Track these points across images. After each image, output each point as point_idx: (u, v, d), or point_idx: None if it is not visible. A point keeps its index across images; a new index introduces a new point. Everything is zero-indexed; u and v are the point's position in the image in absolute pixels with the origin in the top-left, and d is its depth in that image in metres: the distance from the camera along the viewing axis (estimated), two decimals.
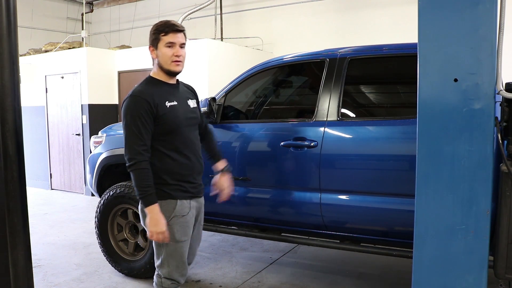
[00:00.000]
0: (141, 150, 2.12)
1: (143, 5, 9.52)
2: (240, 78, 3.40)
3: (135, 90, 2.20)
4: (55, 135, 7.70)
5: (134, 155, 2.12)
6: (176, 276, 2.27)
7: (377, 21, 7.05)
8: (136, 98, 2.16)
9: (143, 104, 2.13)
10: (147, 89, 2.20)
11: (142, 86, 2.23)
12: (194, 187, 2.30)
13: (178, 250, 2.25)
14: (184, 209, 2.24)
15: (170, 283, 2.27)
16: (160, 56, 2.21)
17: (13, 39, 1.86)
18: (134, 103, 2.15)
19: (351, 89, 3.14)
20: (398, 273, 3.72)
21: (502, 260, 1.99)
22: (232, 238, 4.65)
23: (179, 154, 2.24)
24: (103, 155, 3.74)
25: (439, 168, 1.85)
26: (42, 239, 4.79)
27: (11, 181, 1.88)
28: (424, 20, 1.84)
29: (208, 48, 6.55)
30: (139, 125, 2.12)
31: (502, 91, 1.84)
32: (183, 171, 2.25)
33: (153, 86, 2.24)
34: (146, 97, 2.15)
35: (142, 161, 2.12)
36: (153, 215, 2.12)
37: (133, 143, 2.12)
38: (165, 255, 2.25)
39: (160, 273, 2.28)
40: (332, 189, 2.91)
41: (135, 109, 2.13)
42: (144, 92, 2.18)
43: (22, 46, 5.81)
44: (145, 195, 2.11)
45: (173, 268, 2.26)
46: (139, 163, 2.11)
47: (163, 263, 2.26)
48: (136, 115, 2.12)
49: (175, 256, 2.25)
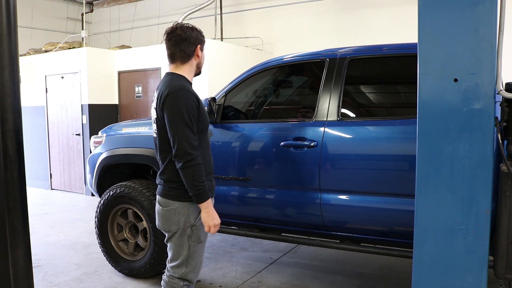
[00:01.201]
0: (196, 145, 2.10)
1: (143, 5, 9.52)
2: (240, 78, 3.40)
3: (182, 85, 2.14)
4: (55, 135, 7.70)
5: (191, 149, 2.07)
6: (191, 276, 2.27)
7: (377, 21, 7.05)
8: (188, 93, 2.11)
9: (194, 100, 2.12)
10: (190, 86, 2.20)
11: (183, 82, 2.18)
12: (212, 187, 2.32)
13: (199, 251, 2.26)
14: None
15: (183, 284, 2.26)
16: (202, 57, 2.29)
17: (13, 39, 1.86)
18: (187, 97, 2.10)
19: (351, 89, 3.14)
20: (398, 273, 3.72)
21: (502, 260, 1.99)
22: (232, 238, 4.65)
23: (206, 152, 2.26)
24: (103, 155, 3.74)
25: (439, 168, 1.85)
26: (42, 239, 4.79)
27: (11, 181, 1.87)
28: (424, 20, 1.84)
29: (208, 48, 6.52)
30: (192, 120, 2.09)
31: (502, 91, 1.83)
32: (208, 169, 2.25)
33: (190, 85, 2.24)
34: (194, 93, 2.16)
35: (198, 156, 2.10)
36: (209, 209, 2.14)
37: (188, 137, 2.06)
38: (186, 255, 2.23)
39: (175, 274, 2.25)
40: (332, 189, 2.91)
41: (188, 103, 2.08)
42: (190, 88, 2.17)
43: (22, 46, 5.81)
44: (202, 190, 2.11)
45: (191, 269, 2.25)
46: (197, 158, 2.08)
47: (182, 264, 2.24)
48: (190, 109, 2.08)
49: (195, 257, 2.25)
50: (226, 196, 3.23)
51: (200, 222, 2.21)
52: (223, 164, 3.25)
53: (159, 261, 3.41)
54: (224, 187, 3.23)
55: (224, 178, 3.24)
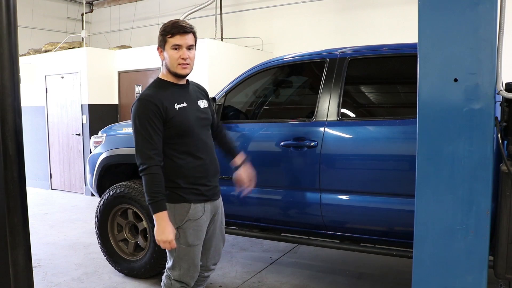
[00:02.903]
0: (152, 155, 2.08)
1: (143, 5, 9.52)
2: (240, 78, 3.40)
3: (143, 94, 2.16)
4: (55, 135, 7.70)
5: (145, 159, 2.08)
6: (187, 279, 2.26)
7: (377, 21, 7.05)
8: (145, 102, 2.11)
9: (152, 107, 2.09)
10: (155, 92, 2.16)
11: (150, 89, 2.19)
12: (208, 190, 2.26)
13: (190, 254, 2.23)
14: (198, 212, 2.21)
15: (179, 286, 2.25)
16: (167, 58, 2.17)
17: (13, 39, 1.86)
18: (143, 106, 2.10)
19: (351, 89, 3.14)
20: (398, 273, 3.71)
21: (502, 260, 1.99)
22: (232, 238, 4.65)
23: (192, 157, 2.20)
24: (103, 155, 3.74)
25: (439, 168, 1.85)
26: (42, 239, 4.79)
27: (11, 181, 1.88)
28: (424, 20, 1.84)
29: (208, 48, 6.55)
30: (149, 129, 2.08)
31: (502, 91, 1.83)
32: (197, 174, 2.21)
33: (162, 88, 2.19)
34: (154, 100, 2.11)
35: (153, 166, 2.08)
36: (160, 222, 2.08)
37: (143, 147, 2.08)
38: (177, 258, 2.23)
39: (171, 275, 2.26)
40: (332, 189, 2.91)
41: (144, 113, 2.09)
42: (152, 95, 2.14)
43: (22, 46, 5.81)
44: (154, 201, 2.07)
45: (184, 272, 2.24)
46: (149, 168, 2.07)
47: (175, 266, 2.24)
48: (145, 119, 2.08)
49: (187, 260, 2.23)
50: (226, 196, 3.23)
51: (186, 225, 2.18)
52: (223, 164, 3.24)
53: (159, 261, 3.41)
54: (224, 187, 3.22)
55: (224, 178, 3.24)
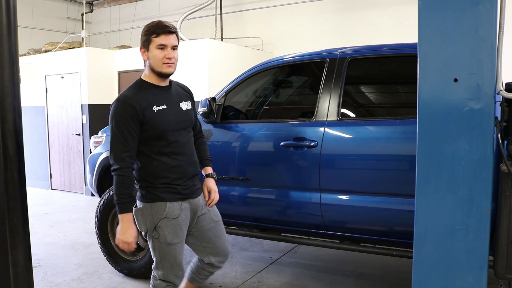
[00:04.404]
0: (124, 157, 2.09)
1: (143, 5, 9.52)
2: (240, 78, 3.40)
3: (122, 95, 2.16)
4: (55, 135, 7.70)
5: (118, 161, 2.10)
6: (171, 278, 2.26)
7: (377, 21, 7.05)
8: (122, 103, 2.12)
9: (129, 109, 2.09)
10: (134, 94, 2.16)
11: (130, 90, 2.19)
12: (185, 189, 2.25)
13: (171, 252, 2.23)
14: (175, 211, 2.21)
15: (165, 285, 2.26)
16: (151, 58, 2.15)
17: (13, 39, 1.86)
18: (120, 108, 2.11)
19: (351, 89, 3.14)
20: (398, 273, 3.71)
21: (502, 260, 1.99)
22: (232, 238, 4.65)
23: (169, 158, 2.20)
24: (103, 155, 3.74)
25: (439, 168, 1.85)
26: (42, 239, 4.79)
27: (11, 181, 1.88)
28: (424, 20, 1.84)
29: (208, 48, 6.55)
30: (124, 131, 2.09)
31: (502, 91, 1.83)
32: (173, 175, 2.21)
33: (142, 90, 2.19)
34: (132, 102, 2.11)
35: (124, 168, 2.10)
36: (124, 223, 2.12)
37: (117, 149, 2.11)
38: (159, 257, 2.24)
39: (156, 274, 2.28)
40: (332, 189, 2.91)
41: (120, 115, 2.10)
42: (130, 97, 2.13)
43: (22, 46, 5.81)
44: (121, 202, 2.11)
45: (168, 271, 2.24)
46: (121, 170, 2.09)
47: (158, 265, 2.26)
48: (121, 120, 2.09)
49: (168, 259, 2.24)
50: (226, 196, 3.23)
51: (163, 224, 2.18)
52: (223, 164, 3.25)
53: None
54: (224, 187, 3.23)
55: (224, 178, 3.24)
